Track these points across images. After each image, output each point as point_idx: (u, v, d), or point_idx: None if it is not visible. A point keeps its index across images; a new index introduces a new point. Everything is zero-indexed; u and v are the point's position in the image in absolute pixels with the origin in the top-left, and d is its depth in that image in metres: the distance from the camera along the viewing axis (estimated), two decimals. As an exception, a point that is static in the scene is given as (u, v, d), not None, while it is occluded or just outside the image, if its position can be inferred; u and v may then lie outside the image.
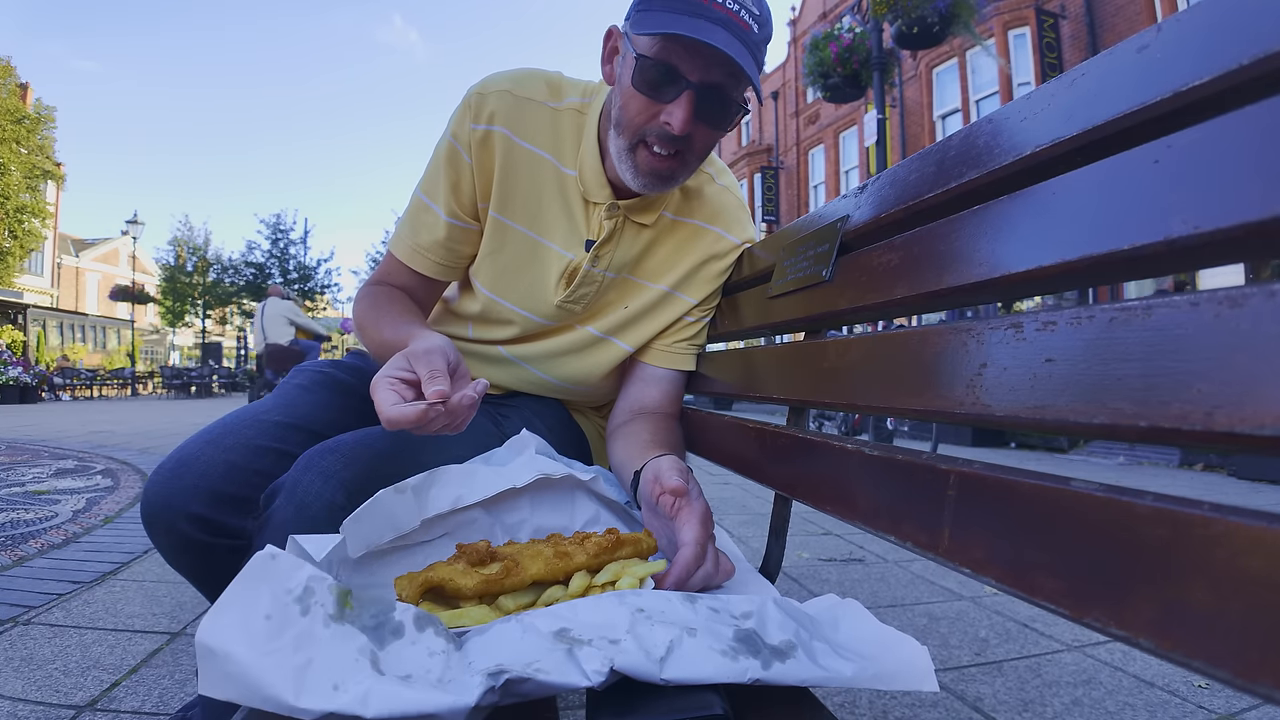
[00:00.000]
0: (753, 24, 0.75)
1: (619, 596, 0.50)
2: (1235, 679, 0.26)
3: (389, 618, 0.45)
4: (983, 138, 0.51)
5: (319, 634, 0.42)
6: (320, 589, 0.44)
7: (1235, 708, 1.32)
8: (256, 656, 0.40)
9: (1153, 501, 0.31)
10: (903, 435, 8.28)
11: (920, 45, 7.02)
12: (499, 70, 0.94)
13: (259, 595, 0.43)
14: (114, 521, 2.58)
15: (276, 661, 0.40)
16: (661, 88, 0.77)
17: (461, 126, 0.90)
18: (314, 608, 0.43)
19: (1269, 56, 0.30)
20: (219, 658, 0.40)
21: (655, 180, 0.85)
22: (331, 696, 0.39)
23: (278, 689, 0.39)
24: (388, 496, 0.61)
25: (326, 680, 0.39)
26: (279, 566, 0.45)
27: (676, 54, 0.75)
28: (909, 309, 0.62)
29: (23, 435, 6.03)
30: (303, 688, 0.39)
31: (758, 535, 2.69)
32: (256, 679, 0.39)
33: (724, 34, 0.73)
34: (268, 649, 0.40)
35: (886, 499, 0.54)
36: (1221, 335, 0.30)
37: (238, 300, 22.42)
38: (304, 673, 0.40)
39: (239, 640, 0.40)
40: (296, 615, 0.43)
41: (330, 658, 0.41)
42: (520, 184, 0.92)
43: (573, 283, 0.93)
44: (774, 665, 0.45)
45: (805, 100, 15.89)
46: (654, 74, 0.77)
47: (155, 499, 0.78)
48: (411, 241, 0.94)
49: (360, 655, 0.41)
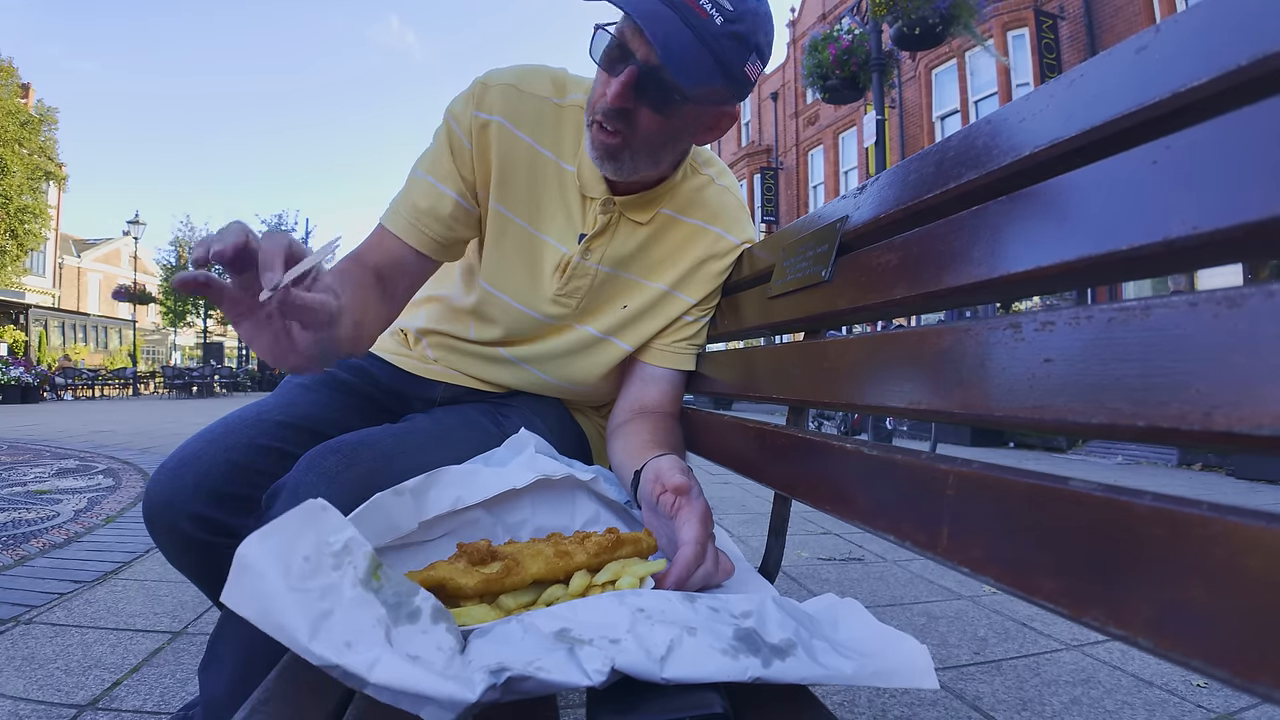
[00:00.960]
0: (714, 14, 0.73)
1: (619, 596, 0.50)
2: (1234, 678, 0.26)
3: (410, 601, 0.46)
4: (982, 138, 0.51)
5: (345, 592, 0.43)
6: (357, 553, 0.46)
7: (1234, 707, 1.32)
8: (286, 588, 0.41)
9: (1151, 501, 0.31)
10: (902, 435, 8.28)
11: (920, 46, 7.02)
12: (506, 65, 0.95)
13: (304, 536, 0.45)
14: (115, 521, 2.59)
15: (301, 600, 0.41)
16: (613, 63, 0.78)
17: (464, 111, 0.90)
18: (347, 567, 0.45)
19: (1269, 57, 0.30)
20: (253, 574, 0.41)
21: (601, 156, 0.84)
22: (342, 651, 0.40)
23: (295, 626, 0.40)
24: (386, 499, 0.61)
25: (341, 635, 0.41)
26: (328, 519, 0.46)
27: (627, 31, 0.75)
28: (908, 309, 0.62)
29: (24, 435, 6.03)
30: (317, 633, 0.40)
31: (757, 535, 2.69)
32: (279, 607, 0.40)
33: (669, 16, 0.71)
34: (298, 585, 0.42)
35: (886, 498, 0.54)
36: (1220, 335, 0.30)
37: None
38: (323, 621, 0.41)
39: (275, 567, 0.42)
40: (329, 568, 0.44)
41: (350, 617, 0.42)
42: (519, 177, 0.92)
43: (565, 274, 0.93)
44: (774, 663, 0.45)
45: (805, 101, 15.89)
46: (606, 46, 0.77)
47: (157, 499, 0.78)
48: (408, 216, 0.90)
49: (377, 625, 0.42)
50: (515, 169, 0.92)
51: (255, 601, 0.41)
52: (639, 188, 0.93)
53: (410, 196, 0.92)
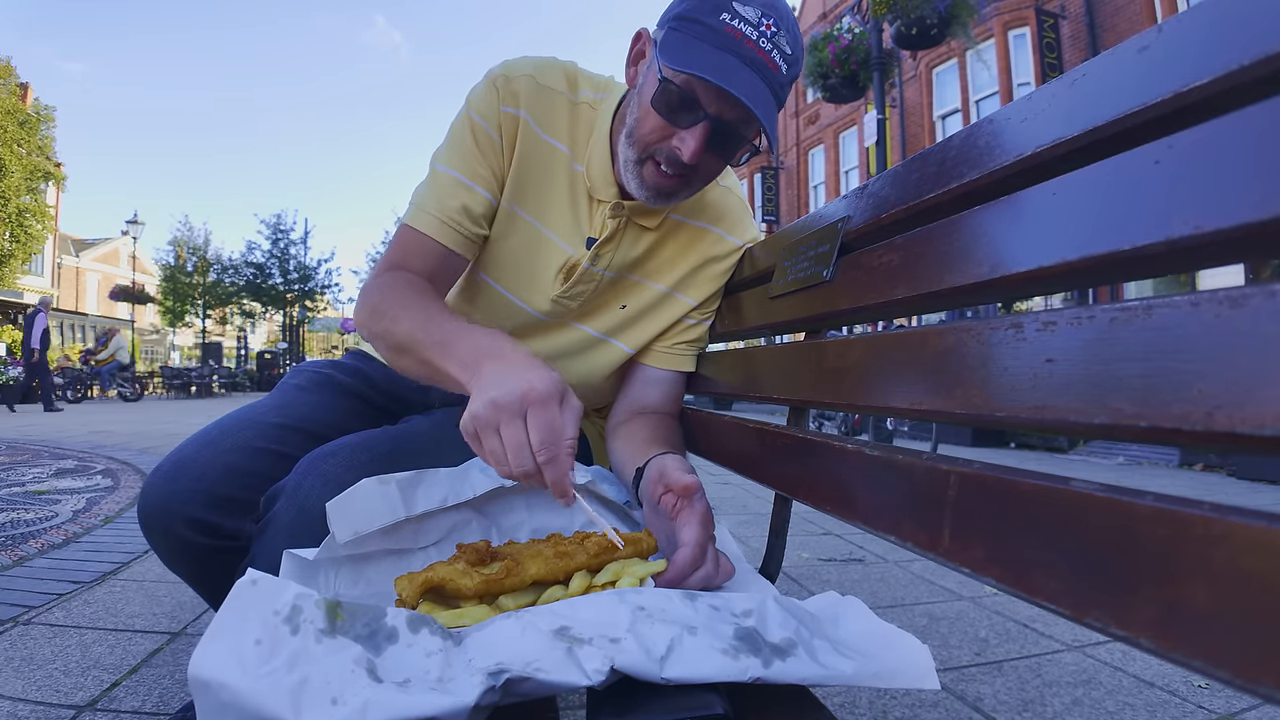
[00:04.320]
0: (782, 65, 0.75)
1: (619, 595, 0.50)
2: (1236, 679, 0.26)
3: (381, 624, 0.45)
4: (983, 138, 0.51)
5: (312, 650, 0.42)
6: (307, 606, 0.44)
7: (1235, 708, 1.32)
8: (250, 681, 0.39)
9: (1153, 502, 0.31)
10: (903, 435, 8.28)
11: (920, 46, 7.03)
12: (519, 56, 0.92)
13: (247, 621, 0.42)
14: (114, 521, 2.58)
15: (271, 684, 0.40)
16: (679, 113, 0.77)
17: (489, 107, 0.88)
18: (304, 625, 0.43)
19: (1269, 57, 0.30)
20: (213, 688, 0.40)
21: (658, 196, 0.84)
22: (330, 711, 0.38)
23: (276, 711, 0.38)
24: (371, 485, 0.60)
25: (324, 695, 0.39)
26: (261, 590, 0.44)
27: (699, 85, 0.75)
28: (909, 309, 0.62)
29: (23, 435, 6.03)
30: (301, 706, 0.39)
31: (758, 535, 2.69)
32: (254, 704, 0.39)
33: (749, 76, 0.72)
34: (261, 673, 0.40)
35: (886, 499, 0.54)
36: (1222, 335, 0.30)
37: (238, 300, 22.43)
38: (300, 691, 0.39)
39: (231, 668, 0.40)
40: (287, 635, 0.42)
41: (326, 672, 0.41)
42: (534, 172, 0.91)
43: (570, 278, 0.93)
44: (775, 663, 0.45)
45: (805, 100, 15.88)
46: (674, 99, 0.76)
47: (152, 502, 0.77)
48: (439, 214, 0.86)
49: (356, 666, 0.41)
50: (531, 163, 0.91)
51: (228, 714, 0.39)
52: None
53: (438, 195, 0.87)
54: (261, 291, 21.70)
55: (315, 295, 22.23)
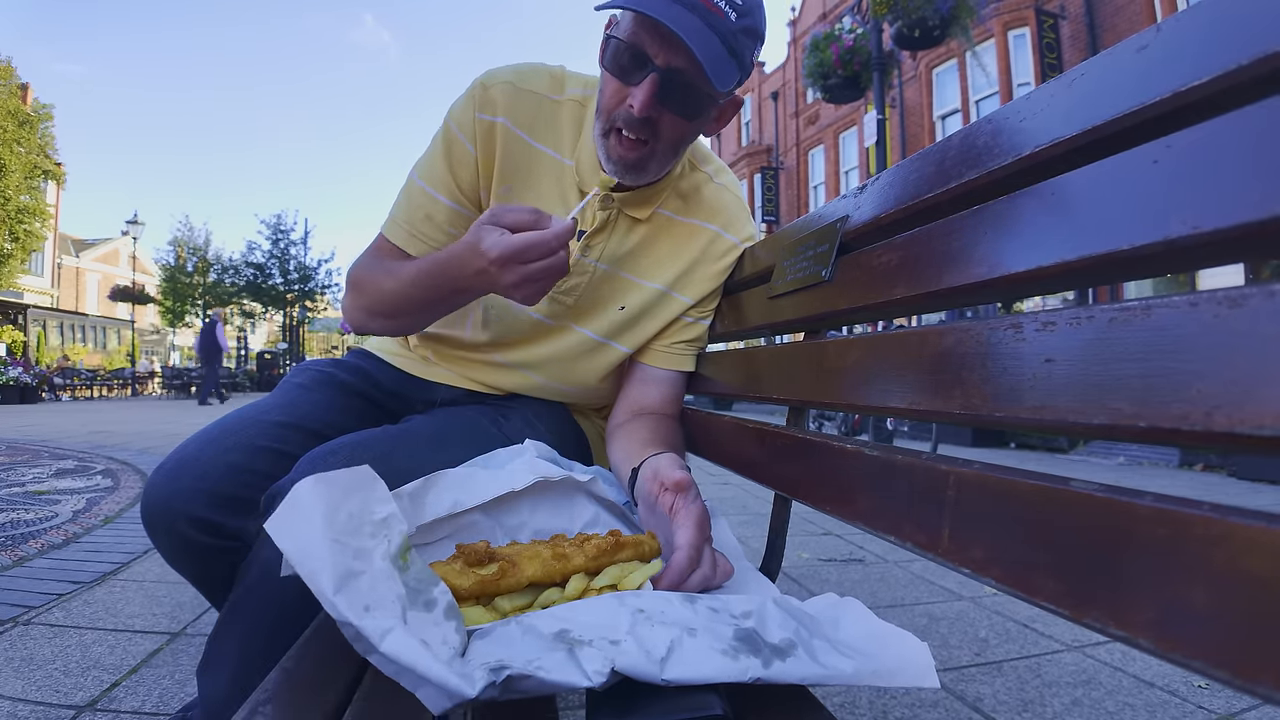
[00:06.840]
0: (729, 11, 0.74)
1: (618, 598, 0.50)
2: (1235, 679, 0.26)
3: (429, 590, 0.47)
4: (983, 138, 0.51)
5: (376, 561, 0.44)
6: (394, 530, 0.47)
7: (1235, 708, 1.32)
8: (326, 536, 0.43)
9: (1153, 502, 0.31)
10: (903, 435, 8.28)
11: (920, 46, 7.03)
12: (504, 64, 0.95)
13: (352, 495, 0.46)
14: (114, 522, 2.58)
15: (337, 552, 0.42)
16: (629, 70, 0.77)
17: (466, 115, 0.90)
18: (382, 538, 0.46)
19: (1269, 56, 0.30)
20: (301, 512, 0.43)
21: (624, 168, 0.84)
22: (360, 613, 0.41)
23: (324, 575, 0.41)
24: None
25: (363, 598, 0.42)
26: (376, 489, 0.48)
27: (644, 36, 0.75)
28: (909, 309, 0.62)
29: (23, 435, 6.03)
30: (342, 589, 0.41)
31: (758, 535, 2.68)
32: (315, 553, 0.42)
33: (691, 18, 0.71)
34: (338, 536, 0.43)
35: (886, 499, 0.54)
36: (1221, 335, 0.30)
37: (238, 300, 22.42)
38: (350, 579, 0.42)
39: (321, 512, 0.44)
40: (367, 534, 0.46)
41: (374, 584, 0.43)
42: (519, 174, 0.93)
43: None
44: (774, 664, 0.45)
45: (805, 100, 15.89)
46: (621, 54, 0.76)
47: (155, 501, 0.77)
48: (407, 226, 0.93)
49: (396, 601, 0.43)
50: (516, 165, 0.92)
51: (295, 540, 0.42)
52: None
53: (409, 206, 0.93)
54: (262, 292, 21.69)
55: (315, 295, 22.23)
